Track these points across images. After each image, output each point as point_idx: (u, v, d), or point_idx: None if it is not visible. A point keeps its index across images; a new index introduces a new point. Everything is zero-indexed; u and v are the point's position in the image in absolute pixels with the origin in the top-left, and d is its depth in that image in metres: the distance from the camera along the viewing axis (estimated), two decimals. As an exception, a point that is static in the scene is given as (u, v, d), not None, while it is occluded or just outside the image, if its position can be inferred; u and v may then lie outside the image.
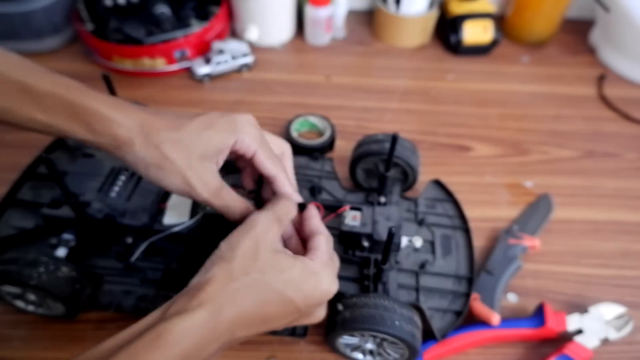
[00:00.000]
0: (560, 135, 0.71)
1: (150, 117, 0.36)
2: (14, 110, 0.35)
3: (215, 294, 0.32)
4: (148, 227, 0.46)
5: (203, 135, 0.37)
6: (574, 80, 0.81)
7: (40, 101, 0.35)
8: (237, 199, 0.39)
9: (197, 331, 0.30)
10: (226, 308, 0.31)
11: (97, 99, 0.36)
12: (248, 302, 0.32)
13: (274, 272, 0.34)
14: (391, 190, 0.52)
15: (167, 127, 0.36)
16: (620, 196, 0.63)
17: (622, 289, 0.53)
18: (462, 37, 0.81)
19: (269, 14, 0.79)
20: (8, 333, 0.47)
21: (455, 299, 0.48)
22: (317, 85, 0.77)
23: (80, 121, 0.35)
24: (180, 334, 0.29)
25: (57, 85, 0.35)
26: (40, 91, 0.35)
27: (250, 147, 0.39)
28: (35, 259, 0.42)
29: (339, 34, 0.86)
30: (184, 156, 0.36)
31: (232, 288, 0.32)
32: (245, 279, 0.33)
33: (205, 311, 0.31)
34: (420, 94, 0.76)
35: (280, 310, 0.34)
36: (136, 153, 0.36)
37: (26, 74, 0.35)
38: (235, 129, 0.38)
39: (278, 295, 0.33)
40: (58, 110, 0.35)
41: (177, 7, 0.79)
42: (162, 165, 0.36)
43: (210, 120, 0.38)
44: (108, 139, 0.36)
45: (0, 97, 0.35)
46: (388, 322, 0.40)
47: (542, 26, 0.84)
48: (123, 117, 0.35)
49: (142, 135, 0.36)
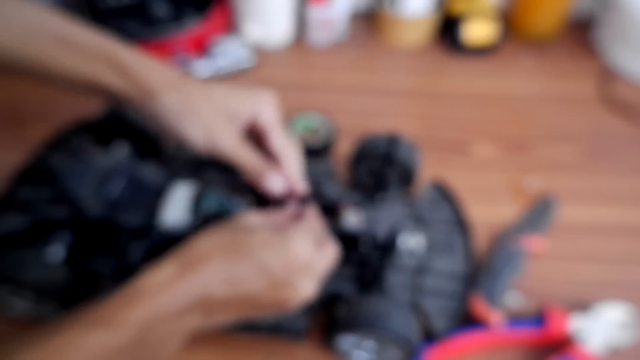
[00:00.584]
0: (562, 135, 0.70)
1: (181, 75, 0.40)
2: (54, 62, 0.38)
3: (182, 252, 0.34)
4: (145, 228, 0.46)
5: (229, 98, 0.40)
6: (576, 80, 0.80)
7: (79, 52, 0.37)
8: (255, 160, 0.41)
9: (166, 282, 0.32)
10: (195, 261, 0.33)
11: (134, 52, 0.39)
12: (216, 256, 0.33)
13: (243, 234, 0.35)
14: (391, 190, 0.52)
15: (197, 84, 0.40)
16: (623, 196, 0.63)
17: (625, 289, 0.53)
18: (463, 37, 0.81)
19: (269, 14, 0.79)
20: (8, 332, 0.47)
21: (454, 299, 0.48)
22: (317, 85, 0.76)
23: (116, 69, 0.38)
24: (151, 285, 0.31)
25: (94, 37, 0.38)
26: (78, 43, 0.37)
27: (268, 120, 0.41)
28: (25, 256, 0.42)
29: (340, 34, 0.86)
30: (211, 110, 0.39)
31: (201, 245, 0.34)
32: (214, 238, 0.34)
33: (172, 264, 0.33)
34: (421, 94, 0.76)
35: (250, 270, 0.34)
36: (164, 103, 0.38)
37: (64, 26, 0.37)
38: (256, 103, 0.40)
39: (246, 253, 0.34)
40: (94, 60, 0.38)
41: (176, 7, 0.79)
42: (187, 116, 0.38)
43: (235, 89, 0.41)
44: (140, 87, 0.38)
45: (41, 49, 0.37)
46: (384, 322, 0.40)
47: (544, 26, 0.84)
48: (156, 71, 0.39)
49: (172, 87, 0.38)
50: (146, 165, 0.50)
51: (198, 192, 0.48)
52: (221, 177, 0.52)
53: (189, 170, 0.55)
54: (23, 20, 0.37)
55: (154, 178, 0.50)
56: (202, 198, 0.48)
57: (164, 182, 0.50)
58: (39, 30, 0.37)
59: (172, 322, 0.32)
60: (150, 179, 0.49)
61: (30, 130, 0.67)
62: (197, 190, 0.48)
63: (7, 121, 0.68)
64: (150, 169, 0.50)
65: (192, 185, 0.49)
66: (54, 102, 0.70)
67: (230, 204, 0.47)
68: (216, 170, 0.54)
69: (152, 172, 0.50)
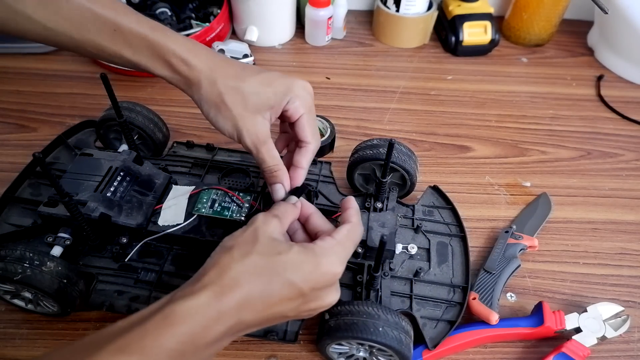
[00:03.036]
0: (558, 136, 0.71)
1: (220, 63, 0.41)
2: (106, 47, 0.40)
3: (217, 276, 0.33)
4: (143, 228, 0.46)
5: (261, 91, 0.41)
6: (572, 80, 0.81)
7: (128, 40, 0.40)
8: (273, 157, 0.42)
9: (202, 311, 0.31)
10: (228, 289, 0.32)
11: (177, 41, 0.41)
12: (249, 283, 0.33)
13: (272, 255, 0.34)
14: (388, 196, 0.52)
15: (232, 76, 0.41)
16: (618, 196, 0.63)
17: (620, 288, 0.54)
18: (461, 37, 0.81)
19: (269, 14, 0.79)
20: (10, 332, 0.47)
21: (449, 308, 0.48)
22: (317, 85, 0.77)
23: (161, 60, 0.41)
24: (186, 313, 0.30)
25: (143, 26, 0.40)
26: (128, 30, 0.40)
27: (298, 110, 0.42)
28: (21, 255, 0.42)
29: (339, 35, 0.86)
30: (240, 105, 0.40)
31: (233, 270, 0.33)
32: (246, 261, 0.34)
33: (208, 291, 0.32)
34: (420, 95, 0.77)
35: (283, 293, 0.34)
36: (201, 94, 0.41)
37: (116, 14, 0.40)
38: (290, 91, 0.42)
39: (278, 277, 0.34)
40: (142, 49, 0.40)
41: (177, 8, 0.79)
42: (220, 109, 0.41)
43: (270, 78, 0.42)
44: (182, 78, 0.41)
45: (95, 34, 0.40)
46: (372, 330, 0.39)
47: (540, 27, 0.84)
48: (197, 61, 0.40)
49: (209, 79, 0.40)
50: (146, 166, 0.50)
51: (195, 192, 0.49)
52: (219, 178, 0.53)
53: (188, 170, 0.56)
54: (77, 8, 0.39)
55: (153, 178, 0.50)
56: (199, 199, 0.48)
57: (163, 182, 0.50)
58: (92, 19, 0.39)
59: (204, 350, 0.31)
60: (149, 179, 0.50)
61: (35, 131, 0.67)
62: (195, 190, 0.49)
63: (15, 123, 0.68)
64: (150, 169, 0.51)
65: (190, 186, 0.50)
66: (60, 105, 0.71)
67: (226, 205, 0.48)
68: (215, 171, 0.55)
69: (152, 172, 0.50)
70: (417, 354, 0.45)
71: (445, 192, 0.57)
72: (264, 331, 0.45)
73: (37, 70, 0.76)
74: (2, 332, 0.47)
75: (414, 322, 0.45)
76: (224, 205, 0.48)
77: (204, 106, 0.41)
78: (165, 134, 0.59)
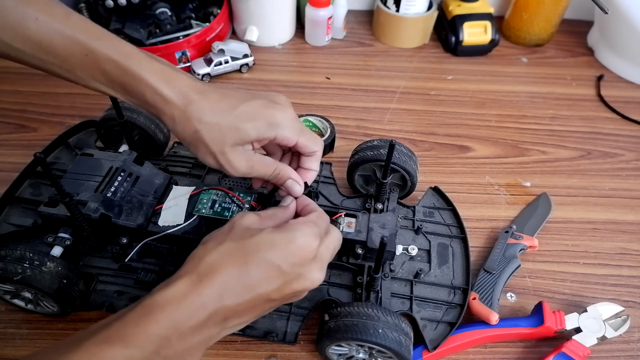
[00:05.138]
0: (558, 136, 0.71)
1: (195, 96, 0.38)
2: (77, 72, 0.38)
3: (193, 267, 0.34)
4: (143, 228, 0.46)
5: (240, 126, 0.38)
6: (572, 80, 0.81)
7: (100, 66, 0.37)
8: (268, 166, 0.41)
9: (180, 297, 0.32)
10: (204, 276, 0.33)
11: (151, 69, 0.38)
12: (224, 267, 0.33)
13: (245, 238, 0.35)
14: (389, 197, 0.52)
15: (208, 110, 0.38)
16: (618, 196, 0.63)
17: (620, 288, 0.54)
18: (461, 37, 0.81)
19: (269, 14, 0.79)
20: (11, 332, 0.47)
21: (449, 310, 0.48)
22: (317, 85, 0.77)
23: (134, 92, 0.38)
24: (164, 302, 0.31)
25: (116, 52, 0.37)
26: (101, 56, 0.37)
27: (291, 140, 0.41)
28: (21, 255, 0.42)
29: (339, 34, 0.86)
30: (218, 142, 0.38)
31: (208, 257, 0.34)
32: (219, 248, 0.34)
33: (185, 279, 0.32)
34: (420, 95, 0.77)
35: (260, 272, 0.34)
36: (177, 130, 0.39)
37: (89, 37, 0.37)
38: (275, 126, 0.40)
39: (252, 257, 0.34)
40: (114, 78, 0.37)
41: (177, 8, 0.79)
42: (198, 146, 0.39)
43: (250, 113, 0.39)
44: (156, 110, 0.38)
45: (66, 58, 0.37)
46: (372, 331, 0.39)
47: (540, 27, 0.84)
48: (171, 92, 0.37)
49: (184, 115, 0.38)
50: (146, 166, 0.50)
51: (196, 193, 0.49)
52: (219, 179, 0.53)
53: (189, 171, 0.56)
54: (45, 29, 0.36)
55: (154, 179, 0.50)
56: (199, 199, 0.48)
57: (163, 182, 0.50)
58: (61, 41, 0.37)
59: (190, 337, 0.32)
60: (150, 179, 0.50)
61: (36, 131, 0.67)
62: (195, 191, 0.49)
63: (15, 123, 0.68)
64: (151, 169, 0.51)
65: (191, 187, 0.50)
66: (60, 105, 0.71)
67: (227, 205, 0.48)
68: (216, 172, 0.55)
69: (152, 173, 0.50)
70: (417, 353, 0.45)
71: (445, 192, 0.57)
72: (264, 332, 0.45)
73: (37, 70, 0.76)
74: (2, 332, 0.47)
75: (414, 323, 0.45)
76: (224, 206, 0.48)
77: (182, 140, 0.39)
78: (165, 134, 0.59)
